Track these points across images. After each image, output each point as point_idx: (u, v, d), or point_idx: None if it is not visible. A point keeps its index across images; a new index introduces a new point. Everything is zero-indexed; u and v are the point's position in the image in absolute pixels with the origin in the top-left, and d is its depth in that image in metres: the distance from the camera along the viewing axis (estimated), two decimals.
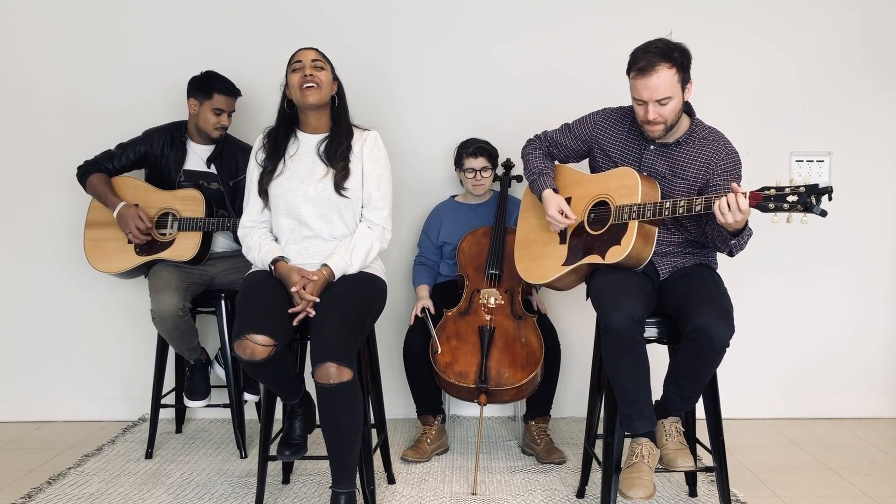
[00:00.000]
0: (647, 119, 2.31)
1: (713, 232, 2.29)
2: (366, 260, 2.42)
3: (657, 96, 2.26)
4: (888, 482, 2.72)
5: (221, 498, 2.58)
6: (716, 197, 2.14)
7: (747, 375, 3.45)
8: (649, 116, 2.29)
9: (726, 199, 2.10)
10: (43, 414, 3.48)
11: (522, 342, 2.83)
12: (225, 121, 3.02)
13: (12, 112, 3.42)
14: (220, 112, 2.99)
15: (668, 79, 2.25)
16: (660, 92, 2.25)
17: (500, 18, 3.40)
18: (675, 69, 2.26)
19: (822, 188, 2.00)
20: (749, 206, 2.08)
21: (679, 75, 2.27)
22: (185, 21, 3.39)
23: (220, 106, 2.99)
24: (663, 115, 2.29)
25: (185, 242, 2.94)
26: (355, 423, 2.21)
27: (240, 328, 2.18)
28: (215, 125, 3.00)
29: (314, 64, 2.41)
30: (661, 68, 2.24)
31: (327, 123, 2.49)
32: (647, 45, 2.29)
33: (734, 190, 2.10)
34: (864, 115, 3.40)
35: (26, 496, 2.59)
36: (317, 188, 2.40)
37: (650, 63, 2.24)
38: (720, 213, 2.12)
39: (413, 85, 3.43)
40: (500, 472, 2.80)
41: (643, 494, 2.13)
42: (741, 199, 2.07)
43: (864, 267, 3.46)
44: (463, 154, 3.14)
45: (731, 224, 2.13)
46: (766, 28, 3.37)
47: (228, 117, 3.03)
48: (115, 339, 3.48)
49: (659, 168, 2.41)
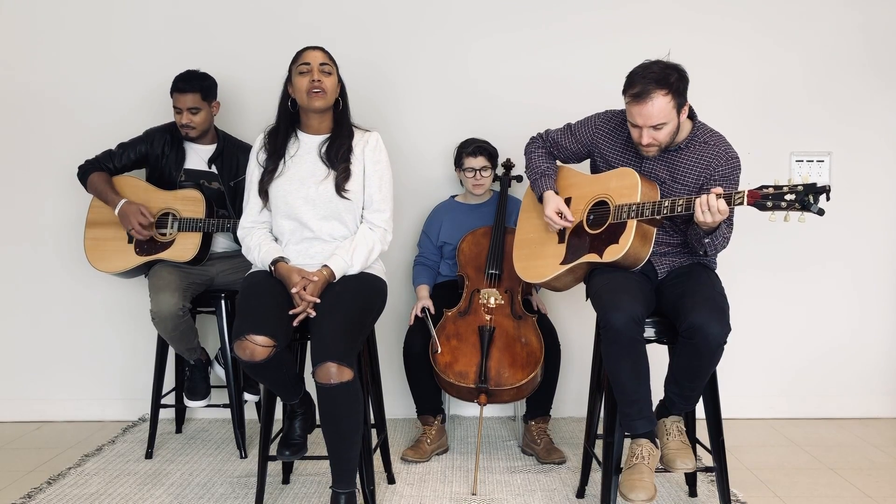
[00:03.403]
0: (641, 143, 2.32)
1: (690, 230, 2.33)
2: (367, 261, 2.42)
3: (651, 122, 2.26)
4: (888, 482, 2.72)
5: (221, 498, 2.58)
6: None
7: (747, 375, 3.45)
8: (643, 141, 2.31)
9: (706, 197, 2.15)
10: (43, 414, 3.48)
11: (522, 342, 2.83)
12: (186, 119, 2.96)
13: (12, 112, 3.42)
14: (178, 111, 2.96)
15: (663, 106, 2.24)
16: (654, 119, 2.25)
17: (502, 20, 3.39)
18: (671, 95, 2.24)
19: (820, 187, 2.02)
20: (727, 208, 2.14)
21: (674, 101, 2.26)
22: (186, 21, 3.39)
23: (177, 104, 2.96)
24: (658, 139, 2.30)
25: (185, 243, 2.94)
26: (355, 423, 2.21)
27: (239, 328, 2.18)
28: (178, 123, 2.99)
29: (322, 68, 2.40)
30: (655, 96, 2.23)
31: (329, 125, 2.49)
32: (643, 70, 2.27)
33: (713, 191, 2.15)
34: (865, 115, 3.40)
35: (26, 496, 2.59)
36: (318, 190, 2.39)
37: (645, 90, 2.23)
38: (700, 212, 2.17)
39: (413, 85, 3.42)
40: (500, 472, 2.80)
41: (644, 497, 2.12)
42: (713, 199, 2.13)
43: (865, 267, 3.46)
44: (462, 154, 3.14)
45: (707, 223, 2.18)
46: (767, 27, 3.37)
47: (190, 115, 2.96)
48: (115, 339, 3.48)
49: (660, 174, 2.41)
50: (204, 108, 2.99)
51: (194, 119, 2.97)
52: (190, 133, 3.00)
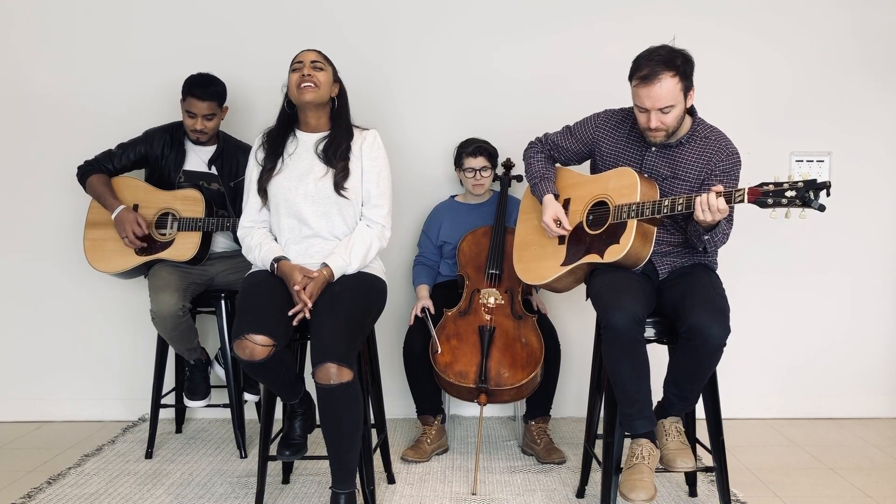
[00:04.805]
0: (648, 127, 2.31)
1: (690, 227, 2.33)
2: (365, 259, 2.42)
3: (660, 105, 2.25)
4: (888, 482, 2.72)
5: (221, 498, 2.58)
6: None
7: (747, 375, 3.45)
8: (651, 124, 2.29)
9: (706, 196, 2.14)
10: (43, 414, 3.48)
11: (522, 342, 2.83)
12: (200, 125, 2.95)
13: (12, 112, 3.42)
14: (192, 115, 2.95)
15: (671, 87, 2.24)
16: (662, 101, 2.24)
17: (502, 22, 3.39)
18: (678, 77, 2.25)
19: (820, 183, 2.02)
20: (727, 206, 2.13)
21: (682, 83, 2.26)
22: (186, 22, 3.38)
23: (191, 109, 2.94)
24: (665, 122, 2.29)
25: (185, 242, 2.94)
26: (355, 423, 2.21)
27: (239, 328, 2.18)
28: (190, 128, 2.98)
29: (314, 65, 2.42)
30: (663, 77, 2.23)
31: (326, 123, 2.49)
32: (649, 53, 2.27)
33: (713, 189, 2.15)
34: (863, 116, 3.40)
35: (26, 496, 2.59)
36: (316, 186, 2.40)
37: (653, 72, 2.23)
38: (700, 210, 2.16)
39: (414, 86, 3.42)
40: (500, 472, 2.80)
41: (644, 497, 2.12)
42: (713, 198, 2.13)
43: (864, 266, 3.46)
44: (462, 154, 3.14)
45: (706, 221, 2.18)
46: (765, 27, 3.37)
47: (205, 121, 2.95)
48: (115, 339, 3.48)
49: (661, 170, 2.41)
50: (217, 113, 3.00)
51: (208, 125, 2.98)
52: (201, 139, 3.00)
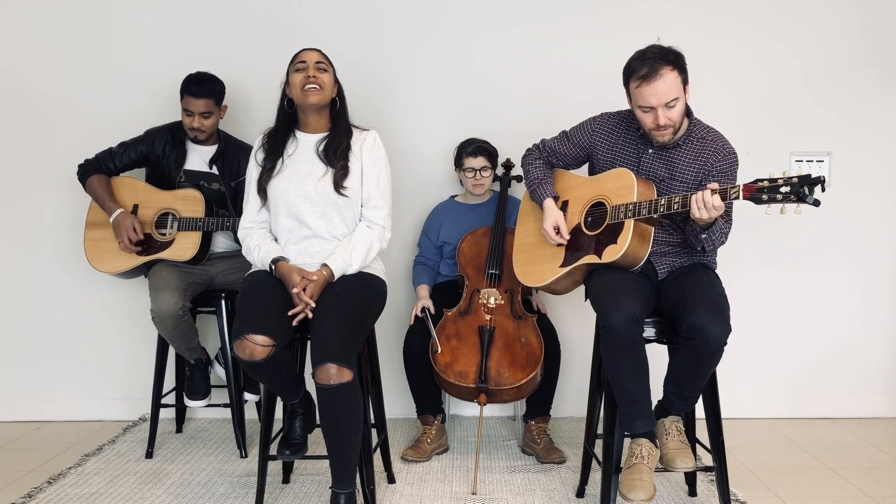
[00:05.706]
0: (657, 125, 2.30)
1: (688, 227, 2.33)
2: (365, 260, 2.42)
3: (666, 99, 2.26)
4: (888, 482, 2.72)
5: (221, 498, 2.58)
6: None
7: (747, 375, 3.45)
8: (660, 122, 2.29)
9: (701, 193, 2.15)
10: (43, 414, 3.48)
11: (522, 342, 2.83)
12: (197, 123, 2.96)
13: (13, 111, 3.42)
14: (189, 113, 2.96)
15: (673, 80, 2.26)
16: (667, 95, 2.25)
17: (503, 22, 3.39)
18: (677, 70, 2.27)
19: (815, 178, 2.01)
20: (722, 203, 2.14)
21: (681, 76, 2.29)
22: (186, 22, 3.38)
23: (188, 107, 2.95)
24: (672, 118, 2.30)
25: (185, 242, 2.94)
26: (355, 423, 2.21)
27: (239, 328, 2.19)
28: (188, 126, 2.98)
29: (318, 66, 2.41)
30: (664, 71, 2.24)
31: (326, 124, 2.50)
32: (642, 54, 2.29)
33: (708, 186, 2.15)
34: (865, 114, 3.40)
35: (26, 496, 2.59)
36: (316, 187, 2.40)
37: (653, 69, 2.24)
38: (696, 208, 2.16)
39: (413, 86, 3.42)
40: (500, 472, 2.80)
41: (644, 496, 2.13)
42: (707, 195, 2.13)
43: (865, 267, 3.46)
44: (462, 154, 3.14)
45: (703, 219, 2.18)
46: (766, 26, 3.37)
47: (202, 119, 2.96)
48: (115, 339, 3.48)
49: (658, 171, 2.41)
50: (215, 112, 3.00)
51: (205, 123, 2.98)
52: (199, 136, 3.00)
